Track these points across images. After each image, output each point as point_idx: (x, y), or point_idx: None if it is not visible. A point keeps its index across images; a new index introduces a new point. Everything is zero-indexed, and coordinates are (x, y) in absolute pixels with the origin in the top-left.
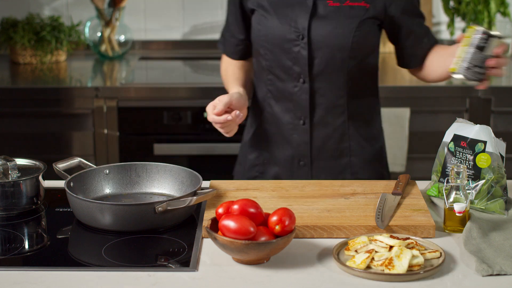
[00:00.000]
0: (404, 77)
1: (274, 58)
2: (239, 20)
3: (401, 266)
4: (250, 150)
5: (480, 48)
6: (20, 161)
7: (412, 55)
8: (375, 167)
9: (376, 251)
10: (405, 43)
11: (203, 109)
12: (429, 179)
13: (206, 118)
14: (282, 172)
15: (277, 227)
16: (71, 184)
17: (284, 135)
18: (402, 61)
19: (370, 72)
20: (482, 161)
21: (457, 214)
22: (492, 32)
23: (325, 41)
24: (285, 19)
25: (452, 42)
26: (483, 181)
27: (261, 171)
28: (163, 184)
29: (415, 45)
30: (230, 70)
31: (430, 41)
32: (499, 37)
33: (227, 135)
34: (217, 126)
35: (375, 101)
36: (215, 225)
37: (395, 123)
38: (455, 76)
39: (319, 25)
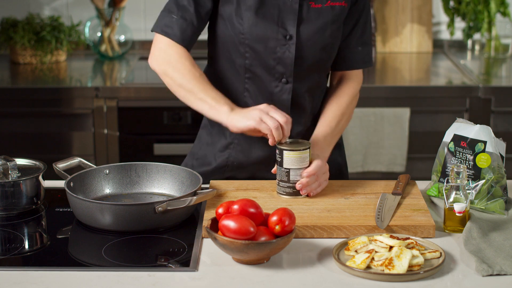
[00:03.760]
0: (404, 77)
1: (256, 56)
2: (197, 4)
3: (401, 266)
4: (220, 153)
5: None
6: (20, 161)
7: (342, 57)
8: (335, 157)
9: (376, 251)
10: (342, 42)
11: None
12: (429, 179)
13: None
14: (257, 171)
15: (277, 227)
16: (71, 184)
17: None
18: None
19: (328, 71)
20: (482, 161)
21: (457, 214)
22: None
23: (311, 42)
24: (272, 18)
25: (452, 42)
26: (483, 181)
27: (233, 170)
28: (163, 184)
29: (349, 47)
30: (192, 71)
31: (363, 53)
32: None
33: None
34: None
35: None
36: (215, 225)
37: (395, 123)
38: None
39: (305, 26)
